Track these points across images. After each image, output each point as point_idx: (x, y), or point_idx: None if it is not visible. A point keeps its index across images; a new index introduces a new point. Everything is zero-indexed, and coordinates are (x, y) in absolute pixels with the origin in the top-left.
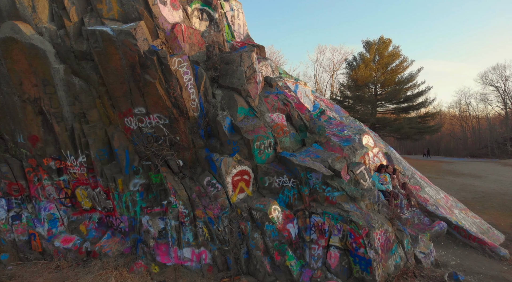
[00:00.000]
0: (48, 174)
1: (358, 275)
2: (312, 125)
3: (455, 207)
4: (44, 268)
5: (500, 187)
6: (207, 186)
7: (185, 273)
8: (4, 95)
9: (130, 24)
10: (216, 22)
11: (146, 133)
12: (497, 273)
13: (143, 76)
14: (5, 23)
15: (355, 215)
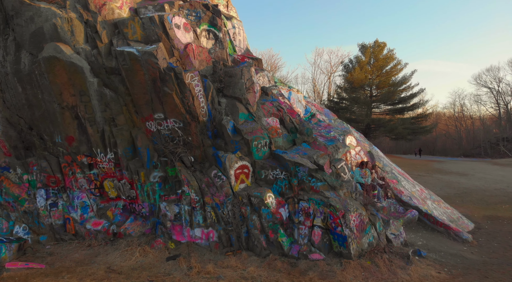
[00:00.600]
0: (80, 168)
1: (337, 249)
2: (301, 127)
3: (428, 199)
4: (77, 247)
5: (483, 184)
6: (214, 178)
7: (196, 248)
8: (45, 103)
9: (152, 46)
10: (220, 41)
11: (164, 135)
12: (456, 251)
13: (162, 88)
14: (49, 45)
15: (334, 200)
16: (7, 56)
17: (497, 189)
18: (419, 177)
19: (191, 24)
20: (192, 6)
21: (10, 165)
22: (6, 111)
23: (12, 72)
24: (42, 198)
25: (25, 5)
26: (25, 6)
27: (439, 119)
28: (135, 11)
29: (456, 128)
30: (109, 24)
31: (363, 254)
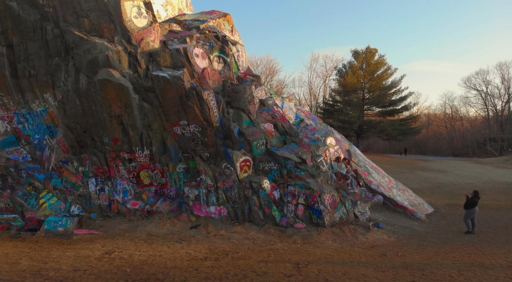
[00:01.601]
0: (122, 162)
1: (315, 221)
2: (290, 131)
3: (394, 188)
4: (121, 221)
5: (457, 179)
6: (224, 169)
7: (211, 220)
8: (98, 113)
9: (179, 72)
10: (228, 64)
11: (187, 136)
12: (408, 225)
13: (186, 102)
14: (102, 70)
15: (313, 185)
16: (68, 78)
17: (467, 183)
18: (402, 173)
19: (206, 52)
20: (206, 38)
21: (68, 159)
22: (66, 119)
23: (72, 90)
24: (92, 185)
25: (84, 40)
26: (84, 40)
27: (432, 120)
28: (164, 42)
29: (446, 129)
30: (146, 54)
31: (335, 224)
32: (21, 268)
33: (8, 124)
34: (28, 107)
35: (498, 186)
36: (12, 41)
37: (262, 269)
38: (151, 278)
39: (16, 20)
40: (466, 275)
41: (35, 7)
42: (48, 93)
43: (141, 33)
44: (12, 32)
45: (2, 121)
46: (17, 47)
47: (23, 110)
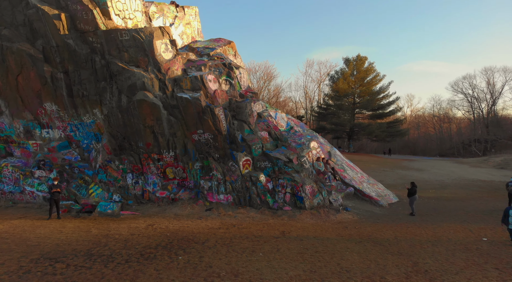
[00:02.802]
0: (152, 161)
1: (298, 205)
2: (281, 137)
3: (365, 182)
4: (151, 206)
5: (430, 177)
6: (231, 166)
7: (221, 205)
8: (135, 124)
9: (197, 94)
10: (233, 85)
11: (202, 142)
12: (370, 209)
13: (202, 116)
14: (140, 92)
15: (297, 178)
16: (112, 97)
17: (438, 180)
18: (383, 171)
19: (216, 77)
20: (216, 66)
21: (111, 159)
22: (110, 129)
23: (115, 107)
24: (129, 179)
25: (125, 70)
26: (125, 70)
27: (421, 122)
28: (185, 70)
29: (435, 130)
30: (172, 80)
31: (313, 207)
32: (94, 234)
33: (62, 132)
34: (79, 119)
35: (463, 182)
36: (68, 68)
37: (258, 233)
38: (184, 238)
39: (72, 53)
40: (400, 240)
41: (86, 43)
42: (97, 109)
43: (168, 64)
44: (68, 62)
45: (58, 130)
46: (72, 73)
47: (75, 122)
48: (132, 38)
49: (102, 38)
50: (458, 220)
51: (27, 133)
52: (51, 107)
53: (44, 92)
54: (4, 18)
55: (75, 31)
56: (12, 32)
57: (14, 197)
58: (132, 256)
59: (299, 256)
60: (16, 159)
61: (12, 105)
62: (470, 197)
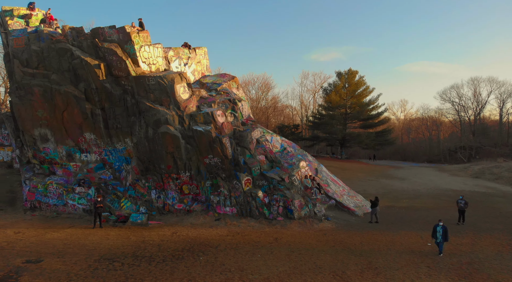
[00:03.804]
0: (172, 180)
1: (289, 216)
2: (275, 159)
3: (346, 194)
4: (171, 217)
5: (409, 186)
6: (235, 184)
7: (227, 216)
8: (158, 151)
9: (209, 127)
10: (236, 117)
11: (211, 164)
12: (347, 219)
13: (213, 144)
14: (163, 126)
15: (288, 194)
16: (141, 129)
17: (414, 189)
18: (368, 181)
19: (223, 111)
20: (223, 102)
21: (139, 178)
22: (138, 154)
23: (143, 137)
24: (153, 194)
25: (152, 108)
26: (152, 108)
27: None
28: (198, 107)
29: (423, 136)
30: (188, 115)
31: (301, 218)
32: (133, 240)
33: (98, 156)
34: (113, 146)
35: (435, 192)
36: (105, 106)
37: (257, 239)
38: (202, 244)
39: (108, 94)
40: (364, 244)
41: (120, 86)
42: (128, 138)
43: (186, 103)
44: (105, 101)
45: (95, 154)
46: (108, 110)
47: (109, 148)
48: (157, 83)
49: (133, 82)
50: (416, 228)
51: (69, 157)
52: (90, 136)
53: (84, 125)
54: (52, 65)
55: (111, 76)
56: (59, 77)
57: (58, 209)
58: (166, 257)
59: (287, 257)
60: (59, 177)
61: (57, 134)
62: (436, 206)
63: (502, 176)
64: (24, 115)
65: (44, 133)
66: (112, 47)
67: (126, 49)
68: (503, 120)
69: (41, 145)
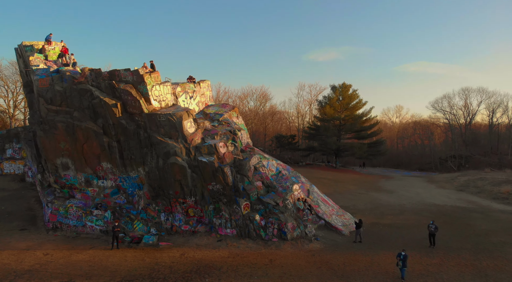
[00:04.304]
0: (179, 204)
1: (283, 237)
2: (271, 184)
3: (334, 214)
4: (178, 237)
5: (395, 200)
6: (235, 208)
7: (227, 237)
8: (167, 179)
9: (212, 158)
10: (236, 147)
11: (215, 191)
12: (334, 238)
13: (215, 173)
14: (172, 157)
15: (282, 217)
16: (152, 160)
17: (400, 204)
18: (358, 194)
19: (225, 142)
20: (225, 133)
21: (150, 203)
22: (149, 181)
23: (154, 166)
24: (163, 216)
25: (162, 141)
26: (162, 142)
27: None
28: (203, 139)
29: (416, 144)
30: (194, 147)
31: (293, 239)
32: (147, 262)
33: (113, 182)
34: (127, 174)
35: (419, 207)
36: (120, 139)
37: (254, 261)
38: (207, 266)
39: (123, 128)
40: (346, 265)
41: (134, 122)
42: (140, 167)
43: (192, 136)
44: (120, 135)
45: (110, 181)
46: (123, 142)
47: (124, 176)
48: (167, 119)
49: (146, 118)
50: (394, 248)
51: (87, 183)
52: (106, 165)
53: (102, 155)
54: (74, 103)
55: (126, 113)
56: (80, 114)
57: (78, 229)
58: (177, 279)
59: (279, 279)
60: (78, 200)
61: (77, 163)
62: (417, 223)
63: (485, 189)
64: (47, 147)
65: (65, 162)
66: (128, 88)
67: (140, 89)
68: (493, 129)
69: (62, 172)
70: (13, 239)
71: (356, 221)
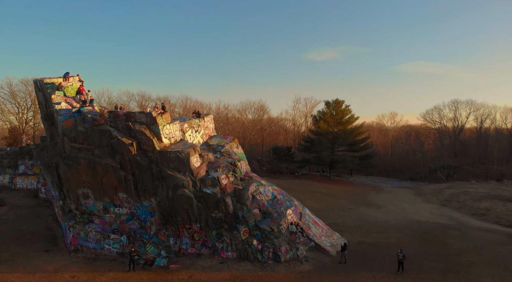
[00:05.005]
0: (186, 229)
1: (278, 260)
2: (267, 211)
3: (324, 236)
4: (185, 259)
5: (382, 217)
6: (235, 234)
7: (228, 260)
8: (176, 207)
9: (215, 189)
10: (236, 177)
11: (217, 218)
12: (323, 259)
13: (218, 203)
14: (180, 189)
15: (277, 242)
16: (162, 191)
17: (386, 221)
18: (349, 210)
19: (226, 174)
20: (226, 166)
21: (160, 228)
22: (160, 209)
23: (164, 197)
24: (171, 240)
25: (171, 175)
26: (171, 175)
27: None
28: (207, 171)
29: (407, 154)
30: (199, 180)
31: (287, 261)
32: None
33: (128, 210)
34: (140, 203)
35: (403, 224)
36: (135, 173)
37: None
38: None
39: (138, 164)
40: None
41: (147, 157)
42: (152, 198)
43: (197, 170)
44: (135, 169)
45: (126, 208)
46: (138, 176)
47: (137, 204)
48: (176, 156)
49: (157, 155)
50: (374, 269)
51: (105, 210)
52: (122, 195)
53: (119, 187)
54: (95, 141)
55: (140, 150)
56: (100, 151)
57: (96, 251)
58: None
59: None
60: (96, 225)
61: (96, 193)
62: (398, 242)
63: (466, 204)
64: (70, 179)
65: (86, 192)
66: (142, 129)
67: (152, 129)
68: (481, 140)
69: (83, 201)
70: (41, 262)
71: (342, 244)
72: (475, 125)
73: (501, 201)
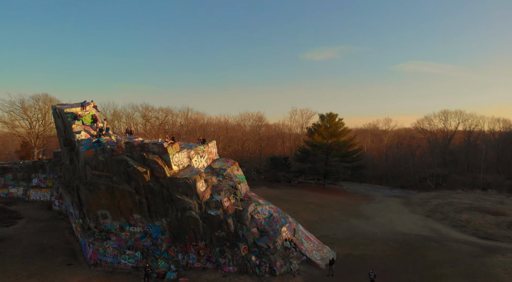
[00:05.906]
0: (192, 246)
1: (273, 274)
2: (264, 229)
3: (315, 250)
4: (192, 272)
5: (369, 228)
6: (236, 251)
7: (230, 274)
8: (184, 227)
9: (219, 211)
10: (237, 199)
11: (220, 237)
12: (312, 272)
13: (221, 223)
14: (188, 211)
15: (272, 258)
16: (172, 212)
17: (373, 233)
18: (340, 222)
19: (228, 197)
20: (228, 189)
21: (170, 245)
22: (170, 228)
23: (174, 218)
24: (180, 256)
25: (180, 199)
26: (180, 199)
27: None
28: (211, 195)
29: (399, 162)
30: (205, 203)
31: (281, 274)
32: None
33: (142, 229)
34: (153, 223)
35: (388, 236)
36: (148, 196)
37: None
38: None
39: (151, 189)
40: None
41: (159, 183)
42: (164, 218)
43: (203, 194)
44: (148, 193)
45: (139, 227)
46: (151, 199)
47: (150, 224)
48: (184, 182)
49: (168, 181)
50: (358, 280)
51: (121, 228)
52: (137, 216)
53: (134, 209)
54: (113, 169)
55: (153, 176)
56: (118, 178)
57: (114, 265)
58: None
59: None
60: (113, 242)
61: (114, 214)
62: (382, 254)
63: (448, 216)
64: (91, 201)
65: (104, 213)
66: (155, 159)
67: (164, 158)
68: (469, 149)
69: (101, 220)
70: (66, 275)
71: (330, 259)
72: (463, 135)
73: (480, 213)
